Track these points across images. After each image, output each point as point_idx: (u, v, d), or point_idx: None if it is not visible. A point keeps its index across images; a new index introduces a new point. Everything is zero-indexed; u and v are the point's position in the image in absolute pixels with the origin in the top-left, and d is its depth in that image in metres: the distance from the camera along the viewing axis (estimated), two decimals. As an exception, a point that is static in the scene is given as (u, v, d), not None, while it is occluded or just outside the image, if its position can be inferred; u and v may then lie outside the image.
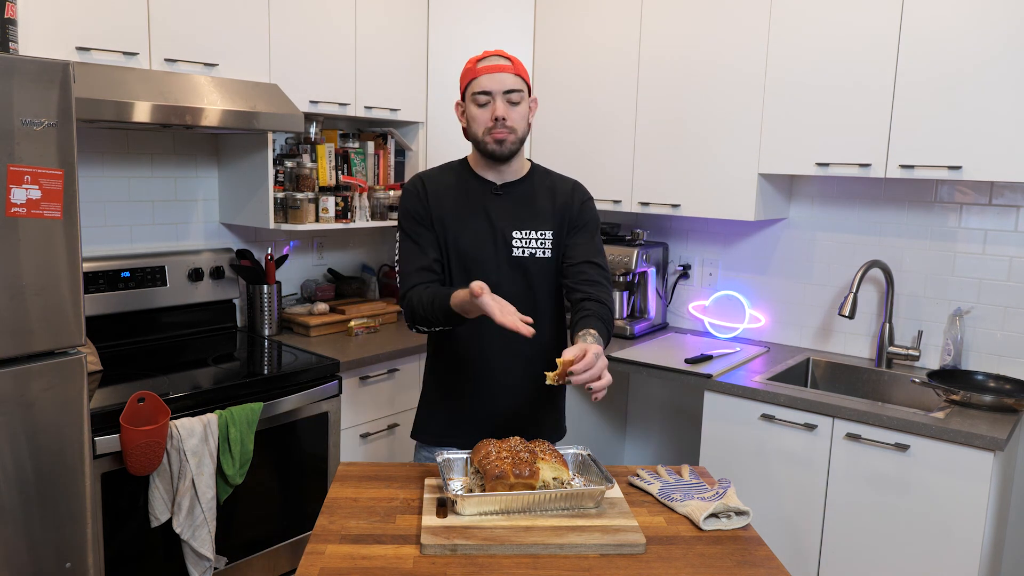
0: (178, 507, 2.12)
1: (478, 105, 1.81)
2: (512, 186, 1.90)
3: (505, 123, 1.79)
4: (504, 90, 1.79)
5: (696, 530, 1.49)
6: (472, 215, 1.87)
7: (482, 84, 1.79)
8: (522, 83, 1.82)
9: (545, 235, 1.88)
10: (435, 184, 1.90)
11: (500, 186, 1.89)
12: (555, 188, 1.94)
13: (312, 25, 2.77)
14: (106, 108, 2.12)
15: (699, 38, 2.82)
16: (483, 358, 1.89)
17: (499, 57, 1.82)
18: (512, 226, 1.87)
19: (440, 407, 1.97)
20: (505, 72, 1.80)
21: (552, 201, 1.91)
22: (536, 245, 1.88)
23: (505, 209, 1.88)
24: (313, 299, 3.19)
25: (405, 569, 1.31)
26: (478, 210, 1.87)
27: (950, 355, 2.64)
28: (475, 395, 1.91)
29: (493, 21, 3.20)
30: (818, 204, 2.95)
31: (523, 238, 1.87)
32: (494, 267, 1.85)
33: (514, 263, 1.86)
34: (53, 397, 1.83)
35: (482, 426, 1.87)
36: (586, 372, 1.50)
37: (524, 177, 1.92)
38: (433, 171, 1.97)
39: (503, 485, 1.46)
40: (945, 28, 2.34)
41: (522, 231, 1.87)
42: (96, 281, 2.55)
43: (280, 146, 3.00)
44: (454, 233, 1.86)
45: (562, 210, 1.91)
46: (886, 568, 2.29)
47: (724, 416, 2.55)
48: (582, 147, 3.15)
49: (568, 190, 1.95)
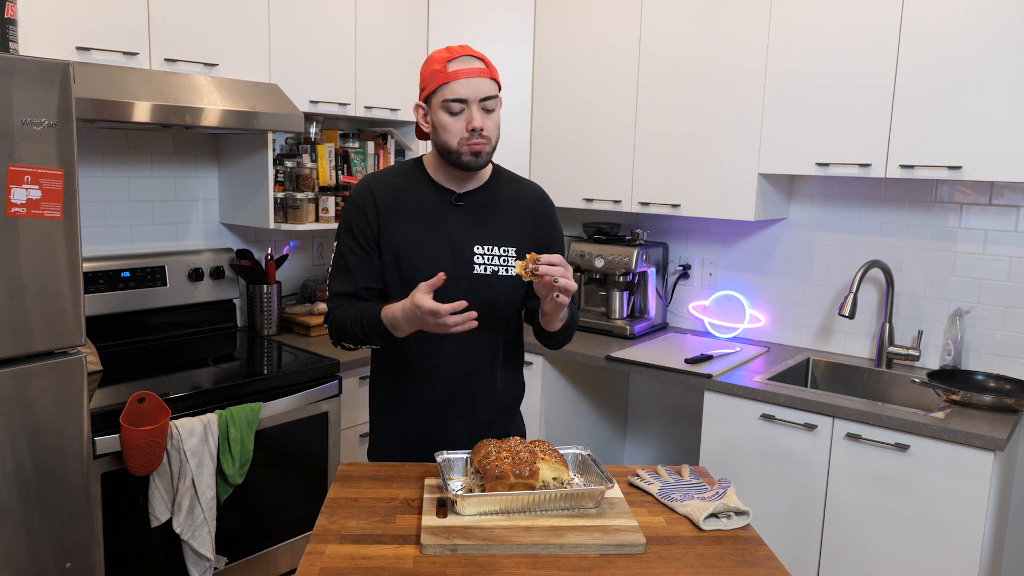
0: (178, 507, 2.12)
1: (450, 113, 1.64)
2: (473, 195, 1.74)
3: (482, 133, 1.64)
4: (480, 97, 1.63)
5: (696, 530, 1.48)
6: (428, 230, 1.70)
7: (456, 91, 1.62)
8: (496, 87, 1.67)
9: (508, 251, 1.73)
10: (387, 195, 1.72)
11: (460, 195, 1.73)
12: (519, 198, 1.79)
13: (312, 25, 2.77)
14: (106, 108, 2.12)
15: (699, 37, 2.82)
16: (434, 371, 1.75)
17: (472, 59, 1.64)
18: (473, 241, 1.71)
19: (393, 426, 1.83)
20: (481, 77, 1.63)
21: (517, 213, 1.77)
22: (499, 262, 1.72)
23: (465, 222, 1.72)
24: (313, 299, 3.19)
25: (405, 569, 1.31)
26: (435, 224, 1.71)
27: (950, 355, 2.64)
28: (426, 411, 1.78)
29: (493, 21, 3.20)
30: (818, 204, 2.95)
31: (485, 254, 1.72)
32: (453, 285, 1.62)
33: (475, 281, 1.70)
34: (53, 397, 1.83)
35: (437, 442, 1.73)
36: (554, 267, 1.50)
37: (486, 184, 1.77)
38: (384, 177, 1.78)
39: (503, 485, 1.46)
40: (945, 28, 2.34)
41: (484, 246, 1.72)
42: (96, 281, 2.55)
43: (280, 146, 3.00)
44: (408, 252, 1.69)
45: (530, 225, 1.77)
46: (886, 568, 2.29)
47: (724, 416, 2.55)
48: (582, 147, 3.15)
49: (534, 202, 1.81)
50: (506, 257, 1.73)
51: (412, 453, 1.79)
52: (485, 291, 1.71)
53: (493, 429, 1.82)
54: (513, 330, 1.85)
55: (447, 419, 1.79)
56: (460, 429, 1.79)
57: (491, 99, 1.65)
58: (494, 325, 1.75)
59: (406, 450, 1.81)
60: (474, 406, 1.80)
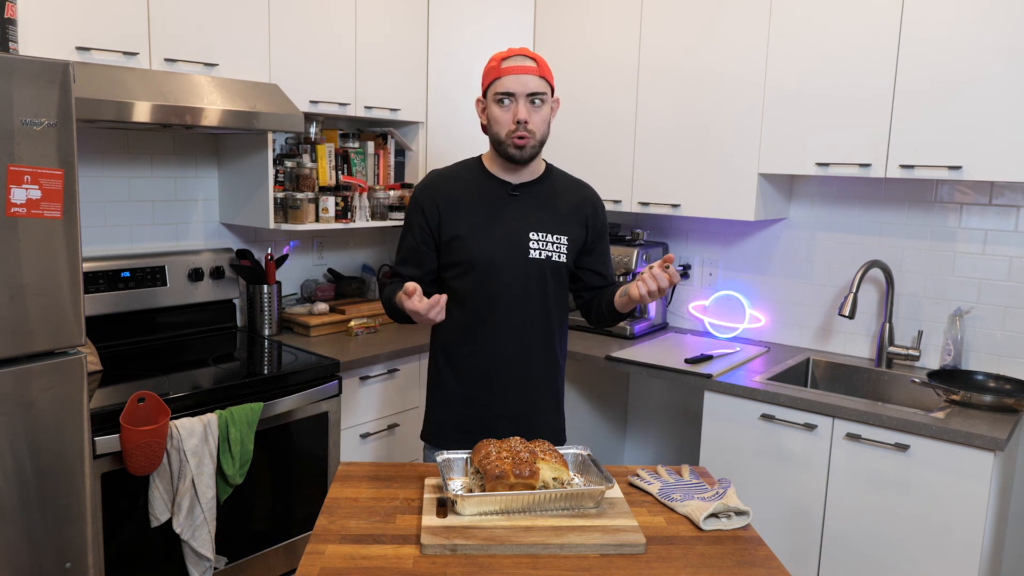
0: (178, 507, 2.12)
1: (500, 106, 1.79)
2: (528, 187, 1.89)
3: (527, 126, 1.78)
4: (527, 92, 1.77)
5: (696, 530, 1.49)
6: (487, 221, 1.85)
7: (505, 85, 1.77)
8: (546, 85, 1.80)
9: (561, 239, 1.88)
10: (449, 191, 1.88)
11: (516, 186, 1.88)
12: (572, 192, 1.94)
13: (312, 25, 2.77)
14: (106, 108, 2.12)
15: (700, 38, 2.82)
16: (493, 359, 1.89)
17: (524, 57, 1.79)
18: (528, 228, 1.86)
19: (451, 408, 1.96)
20: (530, 74, 1.77)
21: (569, 205, 1.91)
22: (552, 248, 1.87)
23: (521, 211, 1.87)
24: (313, 299, 3.19)
25: (405, 569, 1.31)
26: (493, 214, 1.86)
27: (950, 355, 2.64)
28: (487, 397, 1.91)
29: (493, 22, 3.20)
30: (818, 204, 2.95)
31: (540, 240, 1.86)
32: (510, 269, 1.84)
33: (531, 265, 1.85)
34: (53, 397, 1.83)
35: (492, 429, 1.86)
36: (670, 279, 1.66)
37: (540, 178, 1.91)
38: (449, 173, 1.95)
39: (503, 485, 1.46)
40: (945, 28, 2.34)
41: (539, 233, 1.86)
42: (96, 281, 2.55)
43: (280, 146, 3.00)
44: (468, 243, 1.85)
45: (582, 217, 1.92)
46: (886, 568, 2.29)
47: (724, 416, 2.55)
48: (582, 147, 3.15)
49: (586, 196, 1.96)
50: (558, 244, 1.87)
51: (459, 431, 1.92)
52: (539, 275, 1.86)
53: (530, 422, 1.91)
54: (561, 335, 1.97)
55: (496, 400, 1.90)
56: (507, 413, 1.90)
57: (538, 95, 1.78)
58: (544, 309, 1.89)
59: (453, 429, 1.94)
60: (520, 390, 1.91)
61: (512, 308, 1.86)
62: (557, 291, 1.91)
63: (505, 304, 1.86)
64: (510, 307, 1.86)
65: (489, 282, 1.85)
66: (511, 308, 1.86)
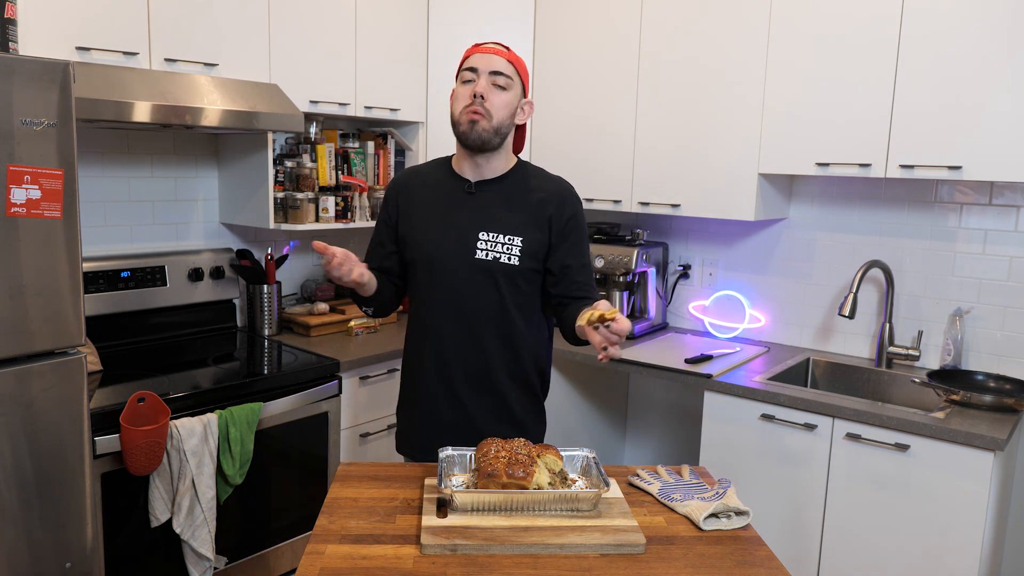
0: (178, 507, 2.12)
1: (463, 82, 1.74)
2: (486, 184, 1.80)
3: (483, 103, 1.69)
4: (491, 70, 1.71)
5: (696, 530, 1.48)
6: (440, 216, 1.81)
7: (470, 62, 1.74)
8: (514, 71, 1.75)
9: (513, 240, 1.76)
10: (411, 187, 1.87)
11: (473, 184, 1.80)
12: (539, 190, 1.81)
13: (312, 25, 2.77)
14: (106, 108, 2.12)
15: (699, 38, 2.82)
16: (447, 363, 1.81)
17: (496, 44, 1.77)
18: (479, 227, 1.77)
19: (415, 414, 1.89)
20: (497, 55, 1.73)
21: (531, 205, 1.79)
22: (502, 250, 1.76)
23: (474, 209, 1.79)
24: (313, 299, 3.19)
25: (405, 569, 1.31)
26: (446, 210, 1.80)
27: (950, 355, 2.64)
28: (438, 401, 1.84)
29: (493, 21, 3.20)
30: (818, 204, 2.95)
31: (488, 240, 1.76)
32: (455, 269, 1.77)
33: (476, 267, 1.76)
34: (53, 397, 1.83)
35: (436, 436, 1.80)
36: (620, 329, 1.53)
37: (503, 176, 1.81)
38: (420, 169, 1.93)
39: (495, 483, 1.46)
40: (945, 28, 2.34)
41: (489, 233, 1.76)
42: (96, 281, 2.55)
43: (280, 146, 3.00)
44: (421, 236, 1.82)
45: (544, 218, 1.79)
46: (886, 568, 2.29)
47: (724, 416, 2.55)
48: (582, 147, 3.15)
49: (552, 193, 1.82)
50: (510, 246, 1.77)
51: (408, 444, 1.92)
52: (485, 276, 1.77)
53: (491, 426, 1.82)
54: (531, 339, 1.84)
55: (443, 407, 1.85)
56: (451, 420, 1.84)
57: (502, 76, 1.73)
58: (504, 314, 1.79)
59: (407, 440, 1.93)
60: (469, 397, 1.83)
61: (459, 310, 1.78)
62: (515, 295, 1.78)
63: (450, 305, 1.79)
64: (457, 309, 1.78)
65: (435, 281, 1.80)
66: (458, 310, 1.78)
